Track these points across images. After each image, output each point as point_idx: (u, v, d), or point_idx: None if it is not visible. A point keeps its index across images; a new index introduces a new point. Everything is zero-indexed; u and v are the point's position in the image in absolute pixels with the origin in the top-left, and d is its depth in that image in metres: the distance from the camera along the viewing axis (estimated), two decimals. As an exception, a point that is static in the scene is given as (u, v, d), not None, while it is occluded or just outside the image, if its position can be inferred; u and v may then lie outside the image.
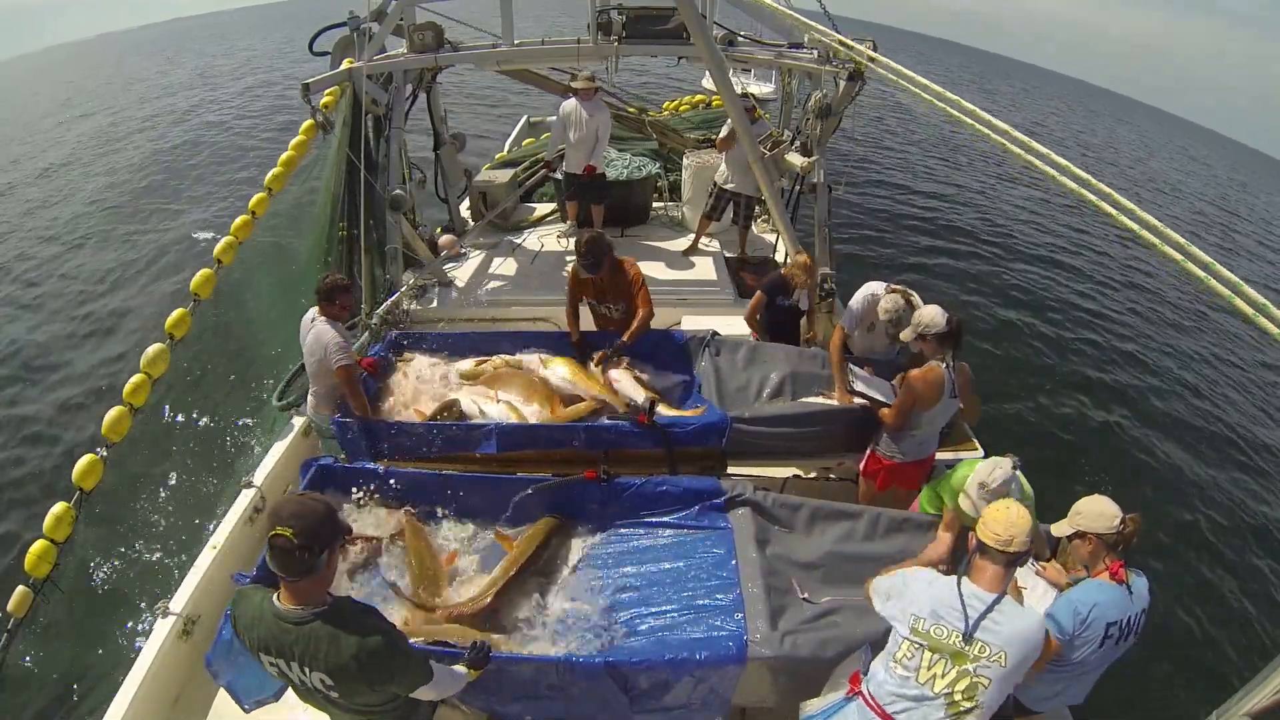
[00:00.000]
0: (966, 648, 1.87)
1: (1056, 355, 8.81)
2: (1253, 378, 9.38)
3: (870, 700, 1.96)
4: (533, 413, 3.45)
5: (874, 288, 3.77)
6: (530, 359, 3.82)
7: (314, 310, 3.34)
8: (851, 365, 3.65)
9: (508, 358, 3.85)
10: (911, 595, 2.00)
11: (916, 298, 3.55)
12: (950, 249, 11.63)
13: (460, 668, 2.00)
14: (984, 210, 14.50)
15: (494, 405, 3.42)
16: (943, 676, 1.87)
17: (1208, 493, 6.59)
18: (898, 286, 3.64)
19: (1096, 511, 2.15)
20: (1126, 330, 10.10)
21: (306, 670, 1.68)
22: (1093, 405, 7.81)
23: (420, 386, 3.65)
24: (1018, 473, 2.65)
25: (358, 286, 4.56)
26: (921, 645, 1.91)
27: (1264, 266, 16.02)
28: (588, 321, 4.20)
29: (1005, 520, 1.94)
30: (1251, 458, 7.32)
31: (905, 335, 3.20)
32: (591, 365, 3.77)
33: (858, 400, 3.53)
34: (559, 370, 3.69)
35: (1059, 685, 2.22)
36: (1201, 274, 1.96)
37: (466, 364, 3.83)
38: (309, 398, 3.56)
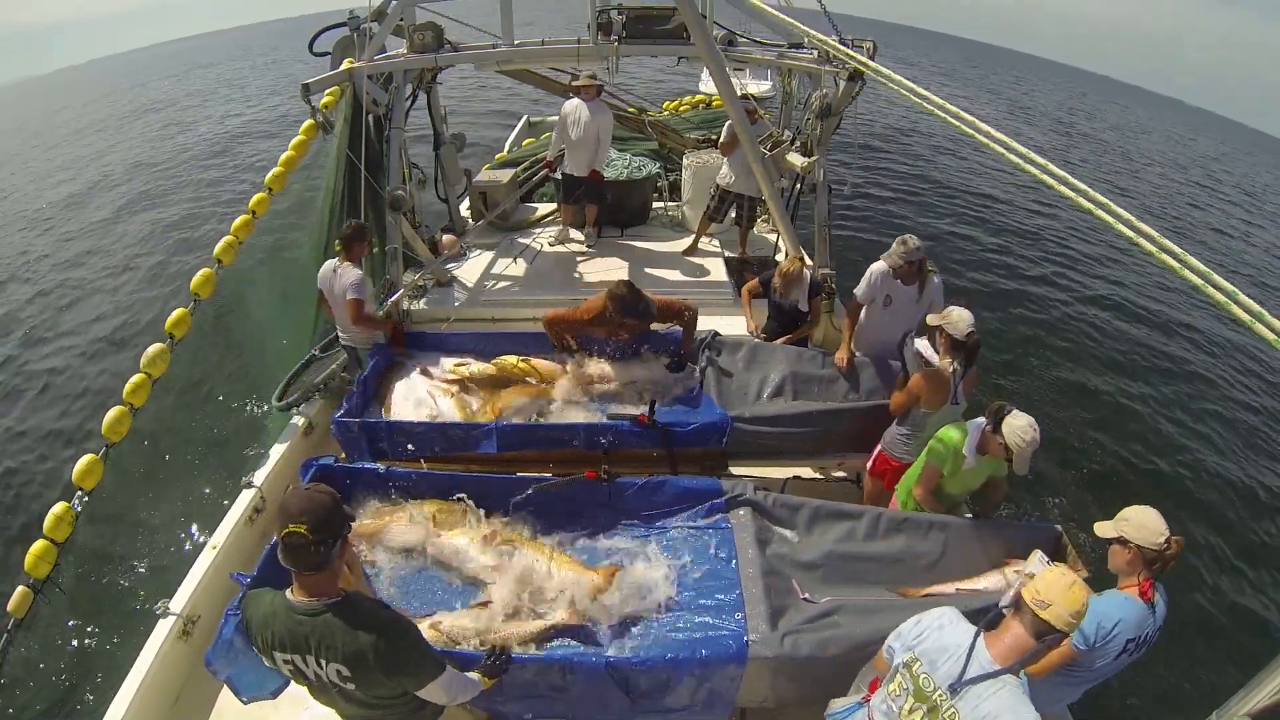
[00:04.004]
0: (942, 706, 1.71)
1: (1056, 343, 8.85)
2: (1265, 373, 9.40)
3: (871, 715, 1.94)
4: (477, 403, 3.58)
5: (880, 264, 3.84)
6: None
7: (335, 260, 3.88)
8: (906, 339, 3.71)
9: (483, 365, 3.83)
10: (920, 630, 1.86)
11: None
12: (954, 247, 11.67)
13: (474, 674, 2.00)
14: (987, 208, 14.51)
15: (446, 399, 3.49)
16: None
17: (1211, 490, 6.58)
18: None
19: (1144, 523, 2.10)
20: (1130, 321, 10.18)
21: (323, 662, 1.69)
22: (1102, 393, 7.87)
23: (418, 386, 3.65)
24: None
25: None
26: (908, 690, 1.80)
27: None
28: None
29: (1054, 585, 1.69)
30: (1257, 454, 7.32)
31: (931, 319, 3.25)
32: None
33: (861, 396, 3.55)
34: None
35: (1069, 689, 2.23)
36: (1199, 281, 1.96)
37: (476, 366, 3.82)
38: (341, 333, 4.15)
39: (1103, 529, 2.23)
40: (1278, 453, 7.48)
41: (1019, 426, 2.61)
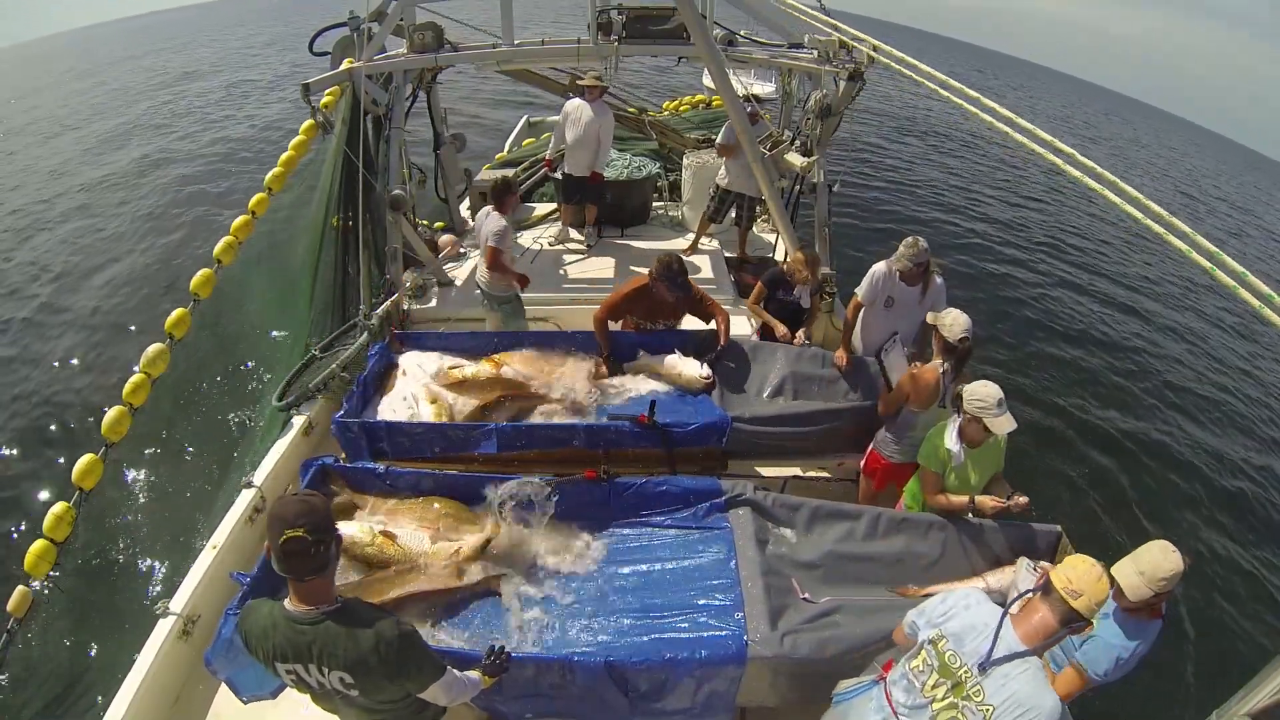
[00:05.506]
0: (968, 682, 1.75)
1: (1052, 339, 8.86)
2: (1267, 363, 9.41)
3: (888, 691, 1.96)
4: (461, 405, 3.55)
5: (883, 264, 3.82)
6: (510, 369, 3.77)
7: (489, 206, 4.43)
8: (887, 344, 3.68)
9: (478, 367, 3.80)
10: (946, 609, 1.89)
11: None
12: (957, 248, 11.70)
13: (474, 674, 2.00)
14: (989, 207, 14.51)
15: (427, 404, 3.51)
16: (940, 701, 1.79)
17: (1210, 488, 6.58)
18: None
19: (1176, 572, 2.06)
20: (1129, 314, 10.25)
21: (325, 670, 1.68)
22: (1100, 390, 7.88)
23: (417, 386, 3.65)
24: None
25: (357, 284, 4.57)
26: (932, 666, 1.83)
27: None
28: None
29: (1085, 576, 1.75)
30: (1258, 451, 7.32)
31: (929, 318, 3.26)
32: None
33: (852, 399, 3.53)
34: (511, 368, 3.72)
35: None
36: (1208, 264, 1.96)
37: (471, 368, 3.79)
38: (478, 278, 4.59)
39: (1135, 591, 2.08)
40: (1278, 450, 7.48)
41: (968, 392, 2.66)
